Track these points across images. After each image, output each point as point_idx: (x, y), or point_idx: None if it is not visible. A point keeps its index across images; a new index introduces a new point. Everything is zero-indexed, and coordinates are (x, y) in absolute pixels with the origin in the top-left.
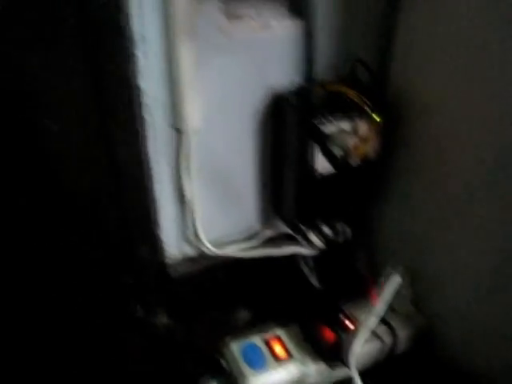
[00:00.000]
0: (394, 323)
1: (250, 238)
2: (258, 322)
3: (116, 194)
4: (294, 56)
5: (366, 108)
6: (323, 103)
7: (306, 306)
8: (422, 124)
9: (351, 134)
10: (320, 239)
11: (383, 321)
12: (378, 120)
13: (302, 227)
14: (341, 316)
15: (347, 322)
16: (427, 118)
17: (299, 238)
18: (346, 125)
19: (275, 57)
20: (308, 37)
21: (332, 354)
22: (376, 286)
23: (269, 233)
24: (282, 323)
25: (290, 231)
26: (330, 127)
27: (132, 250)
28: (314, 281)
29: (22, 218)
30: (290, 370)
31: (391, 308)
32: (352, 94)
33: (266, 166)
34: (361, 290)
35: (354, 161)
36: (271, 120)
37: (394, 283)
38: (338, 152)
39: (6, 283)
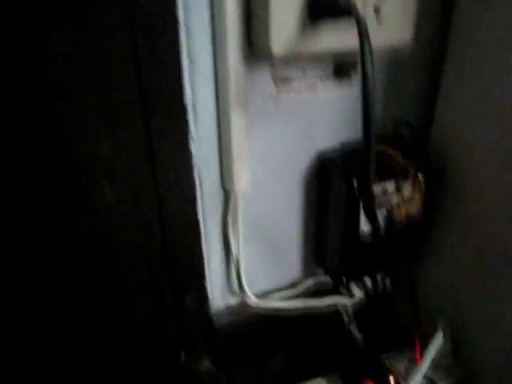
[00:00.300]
0: (433, 376)
1: (291, 289)
2: (299, 372)
3: (165, 250)
4: (339, 117)
5: (411, 170)
6: None
7: (348, 358)
8: (464, 181)
9: (395, 194)
10: (361, 291)
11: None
12: (422, 180)
13: (344, 279)
14: (383, 370)
15: (390, 377)
16: (469, 176)
17: (341, 289)
18: (389, 185)
19: (321, 118)
20: (364, 97)
21: None
22: (418, 338)
23: (310, 283)
24: (323, 373)
25: (331, 282)
26: (374, 188)
27: (179, 302)
28: (355, 331)
29: (74, 268)
30: None
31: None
32: (397, 155)
33: (310, 223)
34: (401, 342)
35: (398, 220)
36: (317, 180)
37: (438, 342)
38: (381, 213)
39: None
